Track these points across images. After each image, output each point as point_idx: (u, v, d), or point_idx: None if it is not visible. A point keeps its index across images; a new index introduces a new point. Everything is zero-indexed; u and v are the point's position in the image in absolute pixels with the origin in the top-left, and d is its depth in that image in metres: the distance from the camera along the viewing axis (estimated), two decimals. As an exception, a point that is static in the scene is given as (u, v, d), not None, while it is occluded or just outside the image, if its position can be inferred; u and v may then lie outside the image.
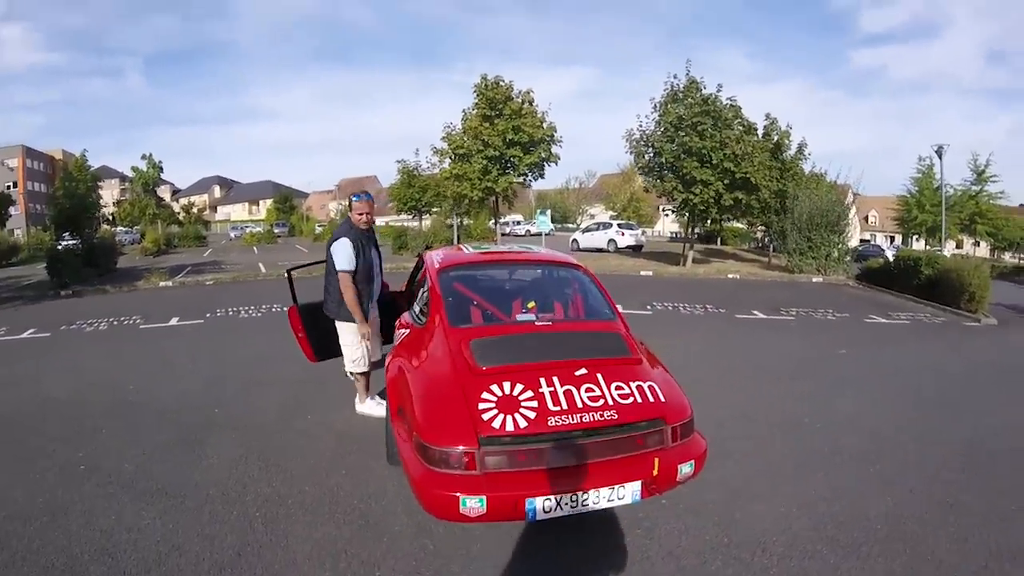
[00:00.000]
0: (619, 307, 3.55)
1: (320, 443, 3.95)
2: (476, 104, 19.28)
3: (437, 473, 2.42)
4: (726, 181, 15.96)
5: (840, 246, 16.15)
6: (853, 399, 5.13)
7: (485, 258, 3.96)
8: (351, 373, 4.30)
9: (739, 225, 29.22)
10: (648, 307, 10.12)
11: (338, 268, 3.97)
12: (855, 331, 8.69)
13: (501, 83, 19.09)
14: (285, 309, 5.05)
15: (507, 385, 2.66)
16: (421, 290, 3.78)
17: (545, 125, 19.56)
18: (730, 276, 15.95)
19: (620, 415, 2.60)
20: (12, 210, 35.26)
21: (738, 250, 29.25)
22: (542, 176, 20.75)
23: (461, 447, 2.41)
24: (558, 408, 2.58)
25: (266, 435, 4.10)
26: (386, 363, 3.53)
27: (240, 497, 3.20)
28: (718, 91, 16.59)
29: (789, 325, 9.08)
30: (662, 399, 2.73)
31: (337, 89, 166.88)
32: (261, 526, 2.92)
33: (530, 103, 19.47)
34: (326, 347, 4.37)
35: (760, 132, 17.55)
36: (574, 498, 2.42)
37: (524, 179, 20.87)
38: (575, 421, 2.53)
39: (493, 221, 23.79)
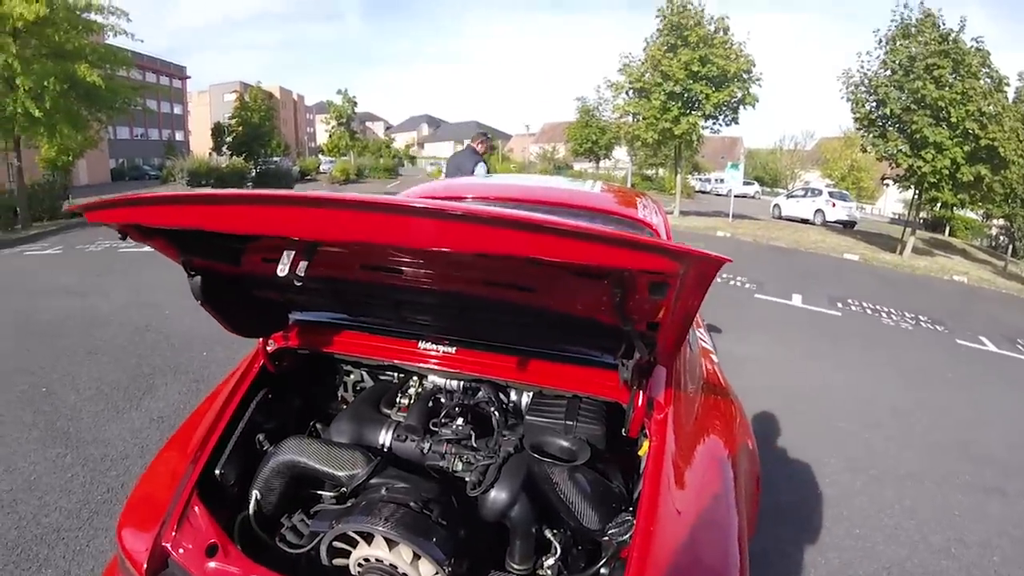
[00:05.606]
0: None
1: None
2: (659, 31, 16.64)
3: None
4: (966, 148, 11.65)
5: None
6: None
7: (485, 196, 2.21)
8: None
9: (973, 216, 22.71)
10: (839, 305, 7.84)
11: None
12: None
13: (690, 6, 16.10)
14: None
15: None
16: None
17: (741, 60, 16.17)
18: (955, 278, 12.02)
19: None
20: (228, 139, 40.81)
21: (968, 245, 22.42)
22: (735, 120, 17.48)
23: (126, 558, 1.25)
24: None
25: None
26: None
27: (104, 473, 2.89)
28: (961, 28, 11.84)
29: (1029, 374, 6.11)
30: None
31: (548, 32, 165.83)
32: (85, 522, 2.49)
33: (724, 31, 16.18)
34: None
35: (1010, 95, 12.50)
36: None
37: (713, 123, 17.75)
38: None
39: (677, 173, 21.20)
